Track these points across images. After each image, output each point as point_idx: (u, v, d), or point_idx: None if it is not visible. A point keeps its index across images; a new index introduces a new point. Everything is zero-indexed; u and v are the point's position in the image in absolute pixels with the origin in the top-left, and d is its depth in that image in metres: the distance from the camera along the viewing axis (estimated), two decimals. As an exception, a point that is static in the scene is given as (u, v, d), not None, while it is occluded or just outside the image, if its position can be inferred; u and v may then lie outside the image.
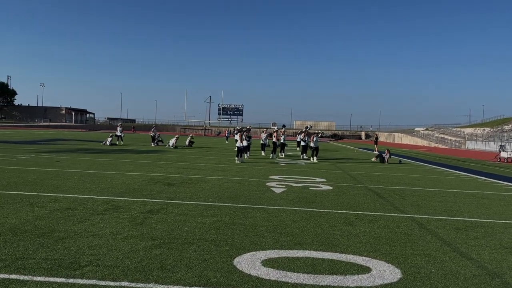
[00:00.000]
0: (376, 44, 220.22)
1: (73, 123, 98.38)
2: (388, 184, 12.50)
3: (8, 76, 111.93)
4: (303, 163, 19.34)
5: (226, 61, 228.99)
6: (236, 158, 18.33)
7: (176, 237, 5.40)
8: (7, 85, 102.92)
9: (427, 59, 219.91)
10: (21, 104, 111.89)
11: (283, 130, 24.06)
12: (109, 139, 28.68)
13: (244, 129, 20.93)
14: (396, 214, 7.80)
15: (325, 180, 12.93)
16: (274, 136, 22.56)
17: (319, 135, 22.40)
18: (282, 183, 11.58)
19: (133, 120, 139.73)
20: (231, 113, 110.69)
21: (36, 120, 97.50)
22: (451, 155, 36.12)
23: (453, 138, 65.87)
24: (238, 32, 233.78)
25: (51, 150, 20.55)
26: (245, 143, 20.58)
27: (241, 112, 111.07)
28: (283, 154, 23.67)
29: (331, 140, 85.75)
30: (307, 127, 23.44)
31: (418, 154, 35.96)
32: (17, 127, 71.34)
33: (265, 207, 7.86)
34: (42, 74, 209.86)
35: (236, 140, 23.25)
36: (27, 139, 31.53)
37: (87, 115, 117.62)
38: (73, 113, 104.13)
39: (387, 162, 21.84)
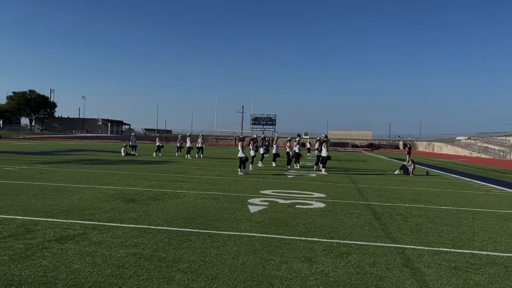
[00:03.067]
0: (418, 51, 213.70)
1: (109, 134, 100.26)
2: (398, 201, 10.65)
3: (50, 90, 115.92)
4: (315, 175, 17.62)
5: (260, 71, 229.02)
6: (239, 169, 16.87)
7: (46, 282, 4.00)
8: (47, 98, 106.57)
9: (472, 65, 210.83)
10: (61, 116, 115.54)
11: (297, 139, 22.37)
12: (123, 149, 28.04)
13: (249, 138, 19.48)
14: (383, 244, 6.07)
15: (324, 195, 11.24)
16: (288, 147, 20.95)
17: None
18: (268, 199, 10.02)
19: (169, 131, 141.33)
20: (264, 122, 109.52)
21: (73, 132, 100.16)
22: (492, 166, 33.07)
23: (497, 148, 61.46)
24: (272, 40, 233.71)
25: (52, 161, 19.87)
26: (252, 153, 19.18)
27: (273, 122, 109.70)
28: (297, 165, 22.03)
29: (366, 150, 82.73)
30: (324, 136, 21.67)
31: (454, 164, 33.19)
32: (53, 138, 73.15)
33: (218, 232, 6.35)
34: (84, 87, 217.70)
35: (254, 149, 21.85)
36: (46, 150, 31.43)
37: (123, 126, 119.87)
38: (109, 124, 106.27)
39: (412, 173, 19.71)
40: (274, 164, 22.21)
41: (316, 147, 21.13)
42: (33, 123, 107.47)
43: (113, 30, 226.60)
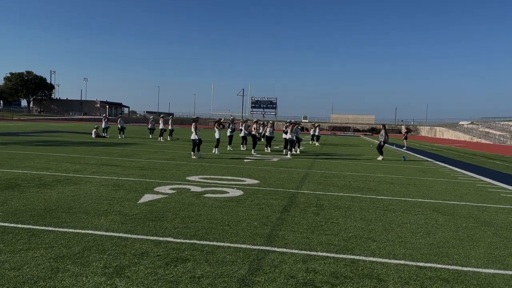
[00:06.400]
0: (429, 35, 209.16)
1: (107, 116, 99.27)
2: (336, 189, 9.40)
3: (51, 71, 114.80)
4: (276, 159, 16.36)
5: (264, 54, 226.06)
6: (192, 153, 15.66)
7: None
8: (45, 79, 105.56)
9: (483, 48, 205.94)
10: (59, 97, 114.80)
11: (271, 122, 21.17)
12: (94, 131, 26.96)
13: (215, 120, 18.19)
14: (248, 246, 4.86)
15: (257, 182, 10.04)
16: (254, 129, 19.63)
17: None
18: (182, 186, 8.82)
19: (172, 114, 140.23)
20: (264, 106, 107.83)
21: (70, 113, 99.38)
22: (485, 152, 31.52)
23: (498, 133, 59.57)
24: (276, 26, 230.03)
25: (4, 142, 18.77)
26: (217, 135, 17.88)
27: (274, 105, 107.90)
28: (268, 149, 20.78)
29: (365, 134, 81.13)
30: (297, 122, 20.48)
31: (445, 150, 31.71)
32: (47, 120, 72.37)
33: (55, 229, 5.20)
34: (87, 70, 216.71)
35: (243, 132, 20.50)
36: (19, 131, 30.40)
37: (122, 108, 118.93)
38: (107, 106, 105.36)
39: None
40: (243, 147, 21.03)
41: (283, 129, 19.86)
42: (31, 105, 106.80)
43: (119, 12, 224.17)
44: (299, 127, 21.20)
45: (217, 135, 17.99)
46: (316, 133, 30.52)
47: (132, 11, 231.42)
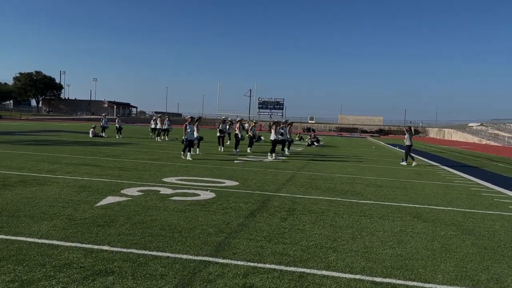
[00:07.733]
0: (442, 36, 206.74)
1: (114, 116, 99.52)
2: (317, 192, 8.89)
3: (61, 72, 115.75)
4: (268, 160, 15.88)
5: (270, 54, 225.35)
6: (182, 153, 15.25)
7: None
8: (54, 79, 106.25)
9: (492, 49, 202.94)
10: (68, 97, 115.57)
11: (254, 122, 20.78)
12: (91, 130, 26.71)
13: (196, 119, 17.74)
14: (190, 257, 4.43)
15: (236, 184, 9.57)
16: (237, 128, 19.09)
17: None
18: (152, 188, 8.38)
19: (179, 114, 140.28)
20: (271, 107, 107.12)
21: (78, 113, 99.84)
22: (491, 154, 30.66)
23: (508, 135, 58.31)
24: (286, 25, 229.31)
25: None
26: (195, 134, 17.32)
27: (281, 106, 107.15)
28: (249, 149, 20.16)
29: (372, 135, 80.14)
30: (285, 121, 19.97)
31: (449, 151, 30.93)
32: (54, 120, 72.70)
33: (-15, 234, 4.73)
34: (97, 70, 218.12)
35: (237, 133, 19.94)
36: (18, 130, 30.30)
37: (130, 108, 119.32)
38: (115, 106, 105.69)
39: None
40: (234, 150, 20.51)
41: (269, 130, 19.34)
42: (40, 105, 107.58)
43: (129, 13, 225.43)
44: (291, 127, 20.53)
45: (195, 135, 17.38)
46: (309, 142, 29.60)
47: (141, 12, 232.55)
